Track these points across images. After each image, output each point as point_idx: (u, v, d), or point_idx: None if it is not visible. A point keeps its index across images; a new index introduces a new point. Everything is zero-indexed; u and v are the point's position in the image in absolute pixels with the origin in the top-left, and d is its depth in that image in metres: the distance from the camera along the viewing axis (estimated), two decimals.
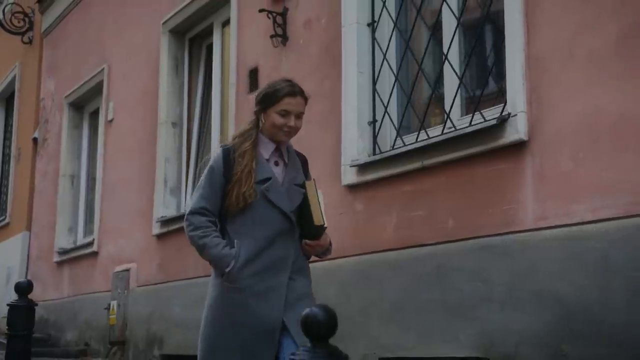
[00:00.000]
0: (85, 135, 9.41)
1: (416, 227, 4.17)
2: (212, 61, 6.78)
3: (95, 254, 8.21)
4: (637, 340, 3.02)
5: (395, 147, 4.49)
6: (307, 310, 1.88)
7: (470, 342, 3.72)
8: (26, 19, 10.92)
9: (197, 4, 6.73)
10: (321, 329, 1.88)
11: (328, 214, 3.15)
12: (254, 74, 5.81)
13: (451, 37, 4.24)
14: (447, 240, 3.97)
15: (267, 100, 3.09)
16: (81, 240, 8.96)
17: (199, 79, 7.13)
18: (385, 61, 4.66)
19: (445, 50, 4.27)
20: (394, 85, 4.59)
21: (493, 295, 3.66)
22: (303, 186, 3.06)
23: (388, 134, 4.63)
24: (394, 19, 4.67)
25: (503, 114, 3.71)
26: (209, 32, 6.90)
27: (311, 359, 1.83)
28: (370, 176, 4.52)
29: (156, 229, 6.91)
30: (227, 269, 2.97)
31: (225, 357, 2.97)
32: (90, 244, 8.34)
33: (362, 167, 4.56)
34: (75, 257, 8.70)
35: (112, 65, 8.39)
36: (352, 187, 4.65)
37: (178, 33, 7.18)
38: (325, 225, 3.04)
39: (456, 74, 4.18)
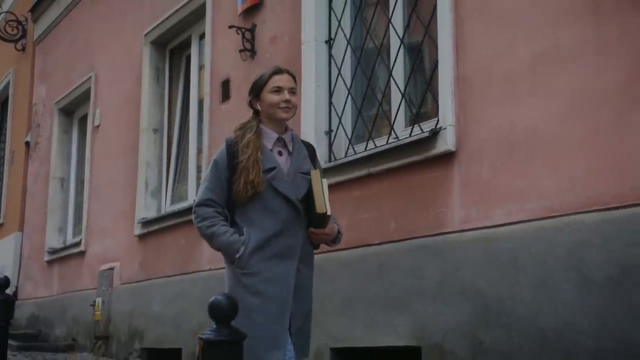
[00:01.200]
0: (75, 139, 9.83)
1: (364, 228, 4.57)
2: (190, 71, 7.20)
3: (82, 253, 8.63)
4: (540, 329, 3.42)
5: (347, 155, 4.89)
6: (212, 298, 2.29)
7: (406, 332, 4.12)
8: (19, 27, 11.34)
9: (177, 17, 7.13)
10: (224, 313, 2.29)
11: None
12: (226, 84, 6.22)
13: (395, 56, 4.65)
14: (389, 241, 4.37)
15: (257, 87, 3.18)
16: (70, 240, 9.37)
17: (179, 87, 7.53)
18: (340, 76, 5.06)
19: (390, 68, 4.68)
20: (346, 98, 5.00)
21: (426, 290, 4.07)
22: (308, 174, 3.10)
23: (343, 143, 5.03)
24: (347, 37, 5.07)
25: (436, 127, 4.12)
26: (188, 43, 7.31)
27: (216, 337, 2.25)
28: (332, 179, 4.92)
29: (138, 230, 7.31)
30: (237, 255, 3.03)
31: (253, 345, 2.92)
32: (78, 243, 8.76)
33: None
34: (64, 257, 9.12)
35: (99, 73, 8.80)
36: None
37: (159, 44, 7.59)
38: (328, 214, 3.07)
39: (399, 90, 4.58)
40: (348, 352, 4.60)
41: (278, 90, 3.13)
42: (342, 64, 5.05)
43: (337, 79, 5.08)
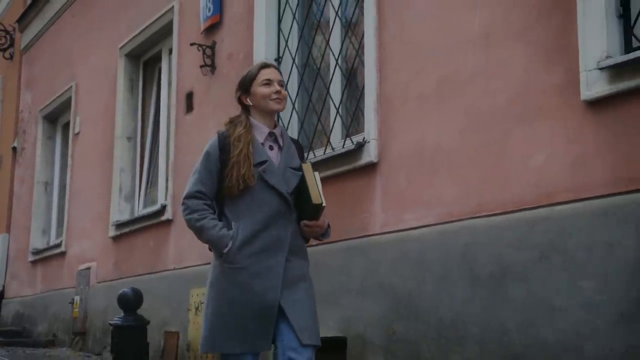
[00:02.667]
0: (58, 145, 10.30)
1: None
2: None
3: (63, 254, 9.10)
4: (440, 319, 3.89)
5: None
6: (121, 291, 2.77)
7: (335, 325, 4.59)
8: (7, 36, 11.81)
9: (149, 31, 7.60)
10: (130, 303, 2.76)
11: None
12: (189, 97, 6.70)
13: (332, 76, 5.12)
14: (324, 242, 4.83)
15: (246, 82, 3.17)
16: (53, 241, 9.84)
17: (151, 98, 7.99)
18: (287, 91, 5.52)
19: (327, 86, 5.16)
20: (291, 112, 5.47)
21: (351, 287, 4.54)
22: (299, 169, 3.10)
23: None
24: (293, 56, 5.54)
25: (362, 140, 4.59)
26: (159, 57, 7.78)
27: (123, 323, 2.72)
28: None
29: (112, 232, 7.79)
30: (225, 250, 3.00)
31: (226, 336, 2.98)
32: (59, 245, 9.24)
33: None
34: (47, 257, 9.60)
35: (79, 83, 9.27)
36: None
37: (133, 57, 8.06)
38: (324, 205, 3.08)
39: (335, 106, 5.06)
40: None
41: (268, 82, 3.13)
42: (288, 80, 5.52)
43: None
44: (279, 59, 5.65)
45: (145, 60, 8.06)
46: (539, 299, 3.39)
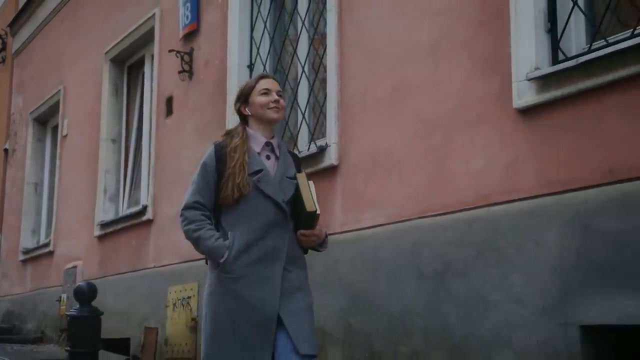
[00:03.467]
0: (48, 147, 10.56)
1: None
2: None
3: (51, 253, 9.36)
4: (390, 313, 4.15)
5: None
6: (77, 285, 3.03)
7: None
8: (0, 40, 12.07)
9: (132, 37, 7.85)
10: (85, 296, 3.02)
11: None
12: (169, 101, 6.95)
13: (298, 81, 5.38)
14: None
15: (244, 93, 3.23)
16: (42, 241, 10.10)
17: (135, 101, 8.25)
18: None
19: (295, 92, 5.41)
20: None
21: (313, 282, 4.77)
22: (295, 178, 3.15)
23: None
24: (264, 63, 5.80)
25: (325, 144, 4.85)
26: (142, 62, 8.03)
27: (78, 313, 2.98)
28: None
29: (97, 231, 8.04)
30: (222, 260, 3.02)
31: (224, 346, 2.98)
32: (48, 244, 9.49)
33: None
34: (36, 256, 9.85)
35: (67, 87, 9.53)
36: None
37: (118, 62, 8.31)
38: (318, 212, 3.11)
39: (301, 111, 5.32)
40: None
41: (266, 92, 3.18)
42: None
43: None
44: (251, 66, 5.90)
45: (129, 65, 8.31)
46: (476, 293, 3.65)
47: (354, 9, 4.74)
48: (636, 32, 3.15)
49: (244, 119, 3.26)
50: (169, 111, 6.94)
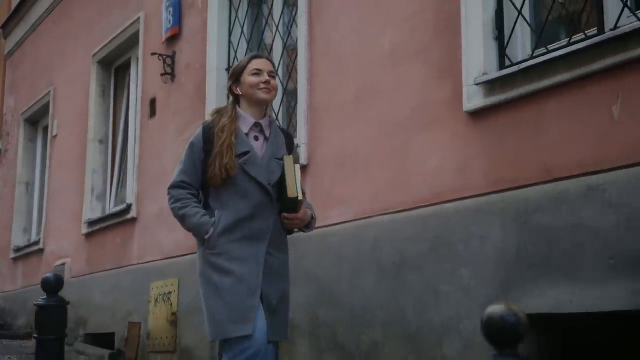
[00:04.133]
0: (39, 147, 10.77)
1: None
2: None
3: (41, 251, 9.57)
4: (353, 306, 4.37)
5: None
6: (44, 276, 3.25)
7: None
8: None
9: (119, 40, 8.06)
10: (52, 286, 3.24)
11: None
12: (153, 103, 7.16)
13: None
14: None
15: (237, 72, 3.24)
16: (33, 239, 10.31)
17: (122, 103, 8.46)
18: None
19: None
20: None
21: None
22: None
23: None
24: None
25: (296, 145, 5.06)
26: (129, 64, 8.24)
27: (45, 303, 3.19)
28: None
29: (84, 229, 8.26)
30: (207, 236, 3.09)
31: (229, 321, 3.01)
32: (38, 242, 9.71)
33: None
34: (27, 254, 10.07)
35: (57, 88, 9.74)
36: None
37: (105, 64, 8.53)
38: (300, 198, 3.13)
39: (274, 113, 5.54)
40: None
41: (258, 72, 3.18)
42: None
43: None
44: (229, 69, 6.12)
45: (116, 67, 8.52)
46: (430, 285, 3.87)
47: (323, 19, 4.96)
48: (572, 41, 3.37)
49: (236, 98, 3.28)
50: (153, 113, 7.15)
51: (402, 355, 3.95)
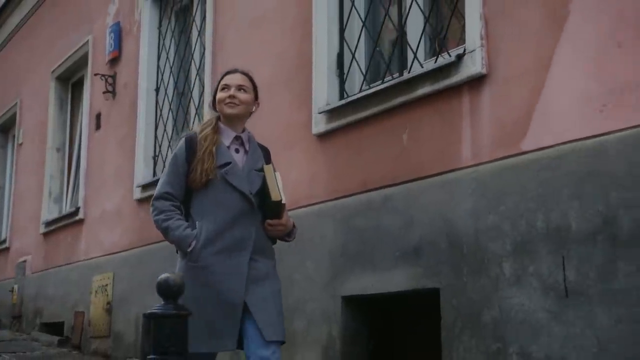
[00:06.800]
0: (9, 153, 11.64)
1: None
2: None
3: (7, 249, 10.46)
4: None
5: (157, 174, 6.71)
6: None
7: None
8: None
9: (73, 59, 8.94)
10: None
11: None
12: (98, 117, 8.05)
13: (198, 102, 6.49)
14: None
15: (214, 89, 3.38)
16: (2, 237, 11.18)
17: (79, 115, 9.33)
18: (160, 117, 6.90)
19: (197, 110, 6.52)
20: (164, 132, 6.82)
21: None
22: (262, 170, 3.24)
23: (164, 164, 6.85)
24: (165, 87, 6.90)
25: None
26: (83, 80, 9.11)
27: None
28: (151, 191, 6.73)
29: (42, 229, 9.14)
30: (189, 249, 3.10)
31: (192, 335, 2.87)
32: (4, 241, 10.60)
33: (146, 186, 6.77)
34: None
35: (23, 100, 10.63)
36: (140, 201, 6.87)
37: (63, 79, 9.41)
38: (283, 202, 3.20)
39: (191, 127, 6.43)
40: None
41: (225, 87, 3.29)
42: (162, 106, 6.88)
43: (159, 119, 6.92)
44: (158, 89, 7.00)
45: (73, 82, 9.40)
46: (288, 274, 4.73)
47: (224, 51, 5.84)
48: (385, 81, 4.26)
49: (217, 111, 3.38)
50: (98, 126, 8.04)
51: None
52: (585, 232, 2.98)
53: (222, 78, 3.37)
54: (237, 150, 3.29)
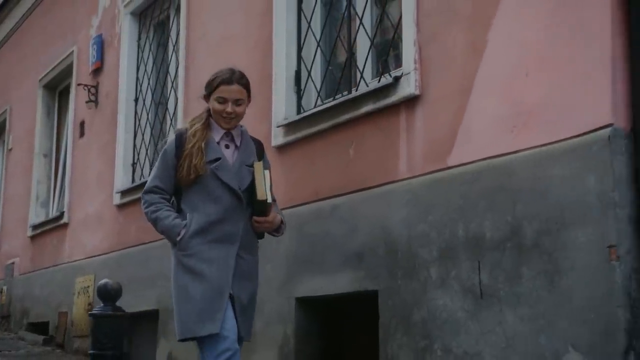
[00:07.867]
0: (1, 159, 11.95)
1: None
2: None
3: None
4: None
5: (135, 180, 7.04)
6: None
7: (152, 300, 6.26)
8: None
9: (59, 68, 9.28)
10: None
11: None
12: (82, 125, 8.38)
13: (174, 110, 6.83)
14: (152, 241, 6.51)
15: (208, 87, 3.35)
16: None
17: (65, 122, 9.66)
18: (139, 126, 7.23)
19: (171, 121, 6.85)
20: (142, 139, 7.15)
21: (163, 273, 6.22)
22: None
23: (146, 171, 7.18)
24: (144, 96, 7.23)
25: None
26: (69, 89, 9.43)
27: None
28: (129, 198, 7.06)
29: (30, 232, 9.48)
30: (178, 238, 3.19)
31: (197, 320, 3.07)
32: None
33: (125, 192, 7.10)
34: None
35: (13, 107, 10.97)
36: (120, 207, 7.21)
37: (50, 88, 9.75)
38: (269, 201, 3.27)
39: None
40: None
41: (222, 101, 3.30)
42: (140, 116, 7.21)
43: (137, 128, 7.26)
44: (137, 99, 7.34)
45: (60, 90, 9.74)
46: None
47: (195, 65, 6.18)
48: (336, 98, 4.60)
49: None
50: (82, 133, 8.37)
51: None
52: (496, 241, 3.33)
53: (217, 86, 3.33)
54: (227, 146, 3.35)
